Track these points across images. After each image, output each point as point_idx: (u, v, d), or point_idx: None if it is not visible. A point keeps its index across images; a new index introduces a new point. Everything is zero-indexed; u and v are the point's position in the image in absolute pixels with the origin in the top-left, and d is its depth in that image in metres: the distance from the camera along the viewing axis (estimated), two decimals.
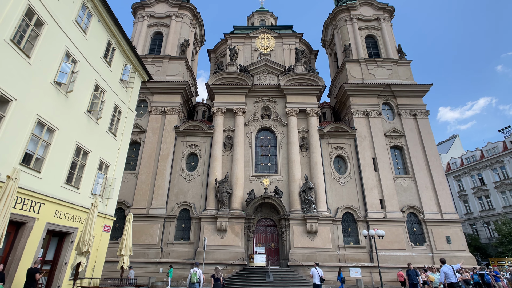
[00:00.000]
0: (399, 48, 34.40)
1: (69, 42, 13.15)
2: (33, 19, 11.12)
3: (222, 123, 29.76)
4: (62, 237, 13.24)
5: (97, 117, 15.27)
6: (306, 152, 28.60)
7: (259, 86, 31.25)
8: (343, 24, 37.14)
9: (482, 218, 41.22)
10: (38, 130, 11.36)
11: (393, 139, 29.23)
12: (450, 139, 61.13)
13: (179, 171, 28.00)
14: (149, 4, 36.81)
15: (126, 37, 17.87)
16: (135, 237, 23.69)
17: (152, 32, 35.88)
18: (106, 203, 16.20)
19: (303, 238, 24.36)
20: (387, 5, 37.33)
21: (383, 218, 25.39)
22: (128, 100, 19.04)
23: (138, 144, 29.03)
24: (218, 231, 24.68)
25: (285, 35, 39.71)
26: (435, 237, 24.84)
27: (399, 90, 30.94)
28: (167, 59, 33.17)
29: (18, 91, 10.26)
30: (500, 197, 39.59)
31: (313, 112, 29.85)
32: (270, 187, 26.69)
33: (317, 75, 31.26)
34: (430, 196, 26.48)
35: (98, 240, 15.32)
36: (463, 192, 45.25)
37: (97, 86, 15.47)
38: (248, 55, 38.52)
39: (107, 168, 16.46)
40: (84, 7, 14.61)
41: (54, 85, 12.05)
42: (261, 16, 47.98)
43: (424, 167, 27.68)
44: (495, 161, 40.97)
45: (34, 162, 11.07)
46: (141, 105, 30.53)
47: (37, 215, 11.06)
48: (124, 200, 26.09)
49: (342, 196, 26.83)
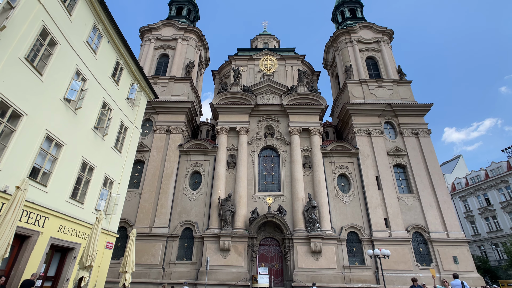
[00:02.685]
0: (399, 69, 35.15)
1: (79, 61, 13.69)
2: (47, 39, 11.66)
3: (225, 141, 30.03)
4: (64, 252, 13.16)
5: (103, 134, 15.58)
6: (309, 171, 28.59)
7: (263, 105, 31.78)
8: (344, 46, 38.21)
9: (490, 239, 40.23)
10: (47, 145, 11.62)
11: (396, 158, 29.24)
12: (454, 159, 60.88)
13: (183, 190, 27.98)
14: (156, 28, 38.26)
15: (134, 57, 18.53)
16: (137, 257, 23.30)
17: (158, 54, 37.06)
18: (110, 219, 16.17)
19: (307, 258, 23.87)
20: (386, 28, 38.52)
21: (388, 237, 24.94)
22: (134, 118, 19.44)
23: (142, 163, 29.23)
24: (221, 250, 24.30)
25: (288, 57, 40.80)
26: (442, 257, 24.25)
27: (400, 110, 31.31)
28: (172, 79, 34.03)
29: (30, 107, 10.61)
30: (507, 218, 38.82)
31: (316, 131, 30.13)
32: (274, 206, 26.48)
33: (319, 95, 31.84)
34: (435, 215, 26.10)
35: (100, 257, 15.15)
36: (469, 212, 44.48)
37: (105, 103, 15.91)
38: (252, 76, 39.42)
39: (112, 184, 16.57)
40: (95, 29, 15.32)
41: (63, 101, 12.44)
42: (264, 39, 49.50)
43: (428, 185, 27.48)
44: (500, 181, 40.54)
45: (41, 176, 11.24)
46: (146, 124, 31.01)
47: (41, 229, 11.09)
48: (126, 218, 25.94)
49: (346, 215, 26.53)
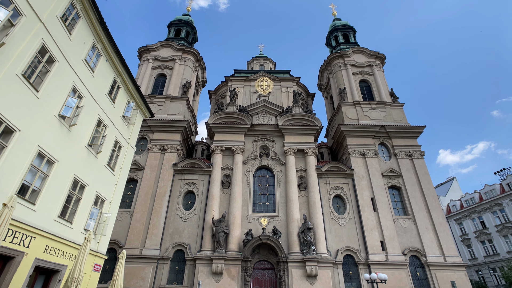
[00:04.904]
0: (392, 92, 35.96)
1: (76, 78, 13.72)
2: (45, 56, 11.72)
3: (220, 161, 29.85)
4: (49, 275, 12.55)
5: (97, 151, 15.37)
6: (304, 191, 28.36)
7: (258, 125, 31.94)
8: (338, 69, 39.16)
9: (487, 263, 39.70)
10: (38, 162, 11.38)
11: (391, 179, 29.25)
12: (448, 181, 61.12)
13: (176, 210, 27.40)
14: (154, 48, 38.97)
15: (131, 76, 18.66)
16: (125, 280, 22.39)
17: (156, 73, 37.51)
18: (99, 240, 15.64)
19: (302, 283, 23.13)
20: (378, 53, 39.75)
21: (385, 261, 24.43)
22: (129, 136, 19.31)
23: (135, 182, 28.76)
24: (214, 274, 23.48)
25: (283, 78, 41.57)
26: (439, 282, 23.70)
27: (394, 131, 31.70)
28: (169, 99, 34.25)
29: (23, 123, 10.46)
30: (503, 241, 38.55)
31: (311, 151, 30.19)
32: (268, 227, 25.97)
33: (314, 116, 32.20)
34: (431, 238, 25.80)
35: (87, 280, 14.48)
36: (465, 236, 44.14)
37: (100, 121, 15.82)
38: (248, 96, 39.90)
39: (103, 203, 16.15)
40: (94, 47, 15.50)
41: (58, 118, 12.33)
42: (260, 61, 50.59)
43: (423, 207, 27.35)
44: (494, 203, 40.59)
45: (30, 193, 10.92)
46: (140, 143, 30.81)
47: (26, 250, 10.62)
48: (116, 239, 25.13)
49: (342, 237, 26.08)
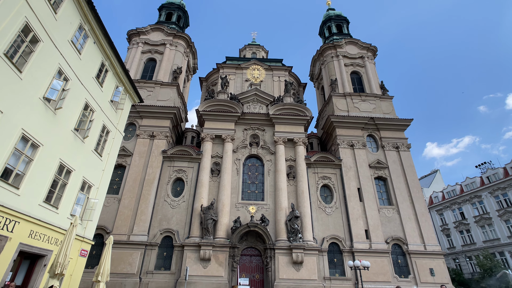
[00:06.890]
0: (382, 85, 36.23)
1: (62, 60, 13.27)
2: (29, 35, 11.27)
3: (210, 149, 29.73)
4: (34, 260, 12.46)
5: (84, 136, 15.07)
6: (293, 181, 28.66)
7: (249, 114, 31.80)
8: (330, 60, 39.09)
9: (464, 252, 41.43)
10: (22, 145, 11.10)
11: (377, 170, 29.83)
12: (432, 173, 62.79)
13: (164, 197, 27.32)
14: (144, 31, 37.88)
15: (120, 59, 18.18)
16: (113, 266, 22.36)
17: (145, 58, 36.59)
18: (86, 225, 15.53)
19: (288, 269, 23.67)
20: (371, 45, 39.78)
21: (369, 249, 25.19)
22: (117, 121, 18.95)
23: (123, 168, 28.42)
24: (202, 260, 23.73)
25: (275, 67, 41.24)
26: (419, 269, 24.69)
27: (382, 124, 32.14)
28: (159, 84, 33.60)
29: (6, 104, 10.13)
30: (480, 232, 40.19)
31: (301, 141, 30.37)
32: (257, 215, 26.26)
33: (305, 106, 32.21)
34: (413, 228, 26.67)
35: (73, 265, 14.45)
36: (445, 226, 45.77)
37: (87, 105, 15.44)
38: (239, 85, 39.51)
39: (90, 188, 15.97)
40: (81, 28, 14.96)
41: (43, 101, 11.97)
42: (252, 49, 49.91)
43: (407, 198, 28.12)
44: (474, 195, 42.03)
45: (13, 177, 10.68)
46: (129, 129, 30.31)
47: (10, 234, 10.47)
48: (103, 225, 24.98)
49: (328, 226, 26.64)
